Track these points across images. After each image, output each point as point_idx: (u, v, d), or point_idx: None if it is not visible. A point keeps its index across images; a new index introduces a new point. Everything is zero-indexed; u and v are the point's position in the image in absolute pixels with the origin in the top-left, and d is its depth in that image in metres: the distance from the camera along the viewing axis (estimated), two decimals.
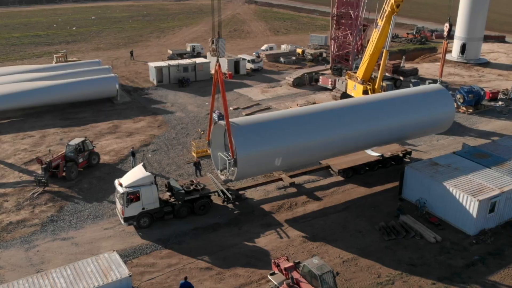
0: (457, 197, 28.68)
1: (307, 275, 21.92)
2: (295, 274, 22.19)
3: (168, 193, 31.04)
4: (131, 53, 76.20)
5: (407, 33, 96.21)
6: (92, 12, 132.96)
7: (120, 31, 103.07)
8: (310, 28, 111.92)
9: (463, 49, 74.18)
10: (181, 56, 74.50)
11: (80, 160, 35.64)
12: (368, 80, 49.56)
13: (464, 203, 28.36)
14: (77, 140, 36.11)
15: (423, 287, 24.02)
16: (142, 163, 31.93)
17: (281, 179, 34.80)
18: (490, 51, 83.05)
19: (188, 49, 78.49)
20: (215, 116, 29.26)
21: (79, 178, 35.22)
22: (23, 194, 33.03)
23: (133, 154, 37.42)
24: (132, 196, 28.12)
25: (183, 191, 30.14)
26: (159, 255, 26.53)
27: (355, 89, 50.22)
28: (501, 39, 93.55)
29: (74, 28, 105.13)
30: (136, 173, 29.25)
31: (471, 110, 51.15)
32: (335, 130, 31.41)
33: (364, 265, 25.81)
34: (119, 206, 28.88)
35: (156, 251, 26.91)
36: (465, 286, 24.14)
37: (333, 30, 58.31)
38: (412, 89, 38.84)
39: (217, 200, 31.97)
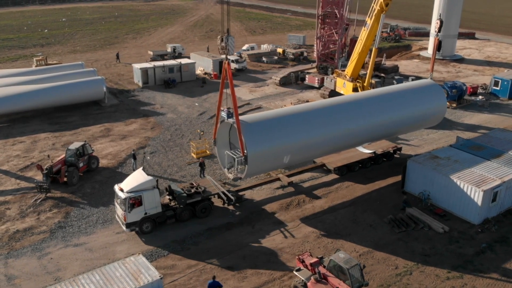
0: (461, 188, 29.72)
1: (333, 269, 22.34)
2: (321, 269, 22.57)
3: (168, 197, 30.56)
4: (117, 55, 74.78)
5: (381, 32, 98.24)
6: (62, 14, 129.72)
7: (94, 33, 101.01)
8: (286, 28, 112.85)
9: (439, 46, 76.23)
10: (162, 57, 73.88)
11: (81, 165, 34.93)
12: (356, 77, 50.56)
13: (469, 194, 29.43)
14: (77, 144, 35.33)
15: (440, 276, 24.83)
16: (142, 167, 31.46)
17: (279, 179, 34.97)
18: (462, 47, 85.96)
19: (169, 49, 77.82)
20: (224, 114, 29.14)
21: (81, 183, 34.51)
22: (25, 201, 32.11)
23: (134, 156, 36.94)
24: (134, 201, 27.56)
25: (184, 195, 29.64)
26: (177, 257, 26.38)
27: (345, 87, 51.12)
28: (471, 36, 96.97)
29: (46, 30, 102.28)
30: (137, 177, 28.63)
31: (454, 105, 52.87)
32: (341, 125, 32.09)
33: (380, 257, 26.45)
34: (119, 211, 28.22)
35: (173, 252, 26.73)
36: (479, 273, 25.10)
37: (318, 30, 59.09)
38: (406, 85, 39.91)
39: (217, 202, 31.67)
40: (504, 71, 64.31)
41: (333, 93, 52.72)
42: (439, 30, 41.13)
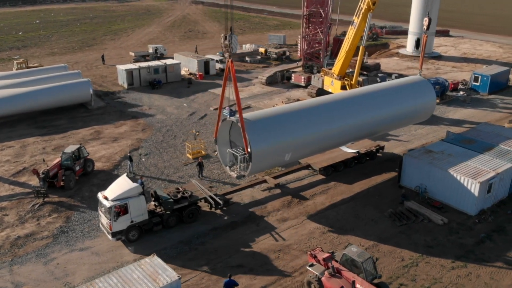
0: (458, 180, 30.62)
1: (346, 263, 22.76)
2: (334, 263, 22.95)
3: (154, 203, 29.69)
4: (103, 57, 73.63)
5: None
6: (35, 16, 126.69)
7: (71, 34, 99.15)
8: (264, 27, 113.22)
9: (417, 43, 78.28)
10: (144, 57, 73.19)
11: (77, 168, 34.38)
12: (344, 76, 51.31)
13: (465, 186, 30.35)
14: (72, 148, 34.77)
15: (445, 266, 25.58)
16: (125, 173, 30.49)
17: (265, 181, 34.63)
18: (438, 45, 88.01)
19: (150, 50, 77.06)
20: (226, 112, 29.17)
21: (78, 187, 33.98)
22: (22, 206, 31.43)
23: (130, 158, 36.53)
24: (119, 209, 26.55)
25: (171, 200, 28.79)
26: (186, 257, 26.35)
27: (333, 85, 51.80)
28: (445, 34, 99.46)
29: (21, 33, 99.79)
30: (121, 185, 27.57)
31: (438, 101, 54.03)
32: (341, 122, 32.68)
33: (386, 250, 27.05)
34: (104, 220, 27.23)
35: (181, 253, 26.70)
36: (481, 262, 25.96)
37: (303, 29, 59.66)
38: (397, 81, 40.76)
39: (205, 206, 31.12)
40: (482, 67, 66.26)
41: (321, 91, 53.35)
42: (428, 28, 42.12)
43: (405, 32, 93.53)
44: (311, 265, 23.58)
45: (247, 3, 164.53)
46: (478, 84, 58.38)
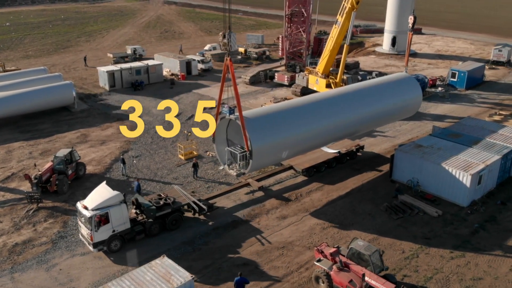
0: (450, 173, 31.57)
1: (353, 257, 23.22)
2: (342, 258, 23.37)
3: (134, 211, 28.76)
4: (85, 59, 72.16)
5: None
6: (4, 19, 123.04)
7: (44, 37, 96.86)
8: (240, 27, 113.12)
9: (393, 41, 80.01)
10: (122, 58, 72.25)
11: (69, 172, 33.77)
12: (328, 74, 52.00)
13: (458, 178, 31.31)
14: (64, 151, 34.08)
15: (445, 257, 26.37)
16: (105, 181, 29.57)
17: (248, 184, 34.28)
18: (412, 42, 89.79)
19: (129, 51, 76.06)
20: (225, 110, 29.30)
21: (71, 191, 33.39)
22: (16, 213, 30.68)
23: (123, 161, 36.12)
24: (100, 218, 25.69)
25: (154, 207, 28.09)
26: (190, 258, 26.30)
27: (318, 83, 52.42)
28: (418, 31, 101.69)
29: None
30: (102, 193, 26.63)
31: None
32: (337, 118, 33.31)
33: (386, 243, 27.68)
34: (84, 231, 26.19)
35: (185, 254, 26.64)
36: (478, 251, 26.89)
37: (285, 28, 60.14)
38: (384, 78, 41.60)
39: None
40: (457, 63, 68.16)
41: (305, 90, 53.93)
42: (413, 26, 43.14)
43: (379, 31, 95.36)
44: (319, 260, 23.94)
45: (220, 3, 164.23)
46: (455, 80, 60.15)
